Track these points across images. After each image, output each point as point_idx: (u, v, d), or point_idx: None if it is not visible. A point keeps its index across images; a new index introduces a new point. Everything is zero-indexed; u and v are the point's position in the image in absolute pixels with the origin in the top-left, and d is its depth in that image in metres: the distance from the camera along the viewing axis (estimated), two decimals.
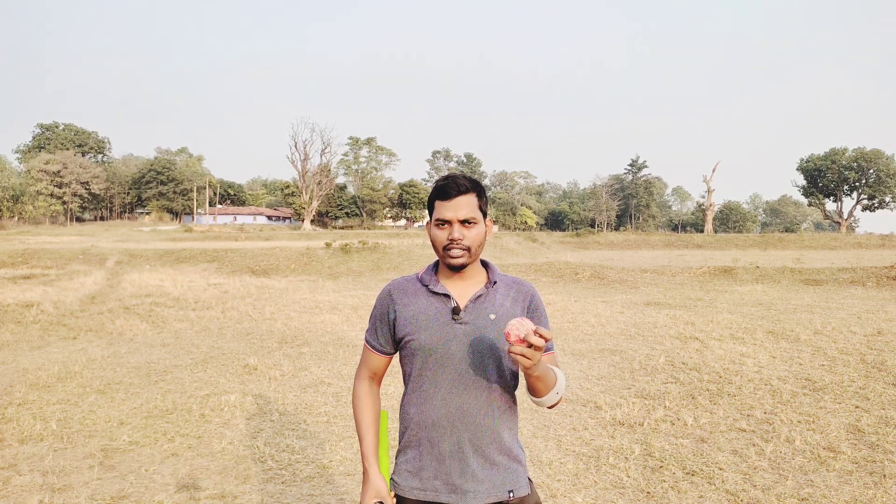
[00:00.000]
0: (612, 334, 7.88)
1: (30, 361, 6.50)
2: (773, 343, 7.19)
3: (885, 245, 37.41)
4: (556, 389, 1.52)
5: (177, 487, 3.38)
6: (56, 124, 74.25)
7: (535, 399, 1.54)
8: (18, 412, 4.66)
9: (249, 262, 19.07)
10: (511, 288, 1.66)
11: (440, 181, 1.58)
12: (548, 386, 1.50)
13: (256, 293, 12.54)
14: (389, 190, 73.29)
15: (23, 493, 3.29)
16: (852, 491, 3.29)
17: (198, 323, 8.90)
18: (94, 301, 10.97)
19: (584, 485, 3.41)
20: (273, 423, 4.49)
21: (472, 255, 1.58)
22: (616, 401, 4.95)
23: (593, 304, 11.02)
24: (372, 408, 1.70)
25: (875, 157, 62.62)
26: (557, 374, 1.54)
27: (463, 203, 1.56)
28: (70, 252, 19.71)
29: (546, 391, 1.50)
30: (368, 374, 1.73)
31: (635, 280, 16.06)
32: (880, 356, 6.34)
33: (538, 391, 1.51)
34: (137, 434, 4.20)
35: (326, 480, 3.52)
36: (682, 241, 43.18)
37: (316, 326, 8.52)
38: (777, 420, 4.43)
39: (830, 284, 14.71)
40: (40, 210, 59.87)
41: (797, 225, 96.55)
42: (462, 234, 1.56)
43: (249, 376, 5.83)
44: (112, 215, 73.27)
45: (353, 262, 20.31)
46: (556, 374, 1.54)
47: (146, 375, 5.85)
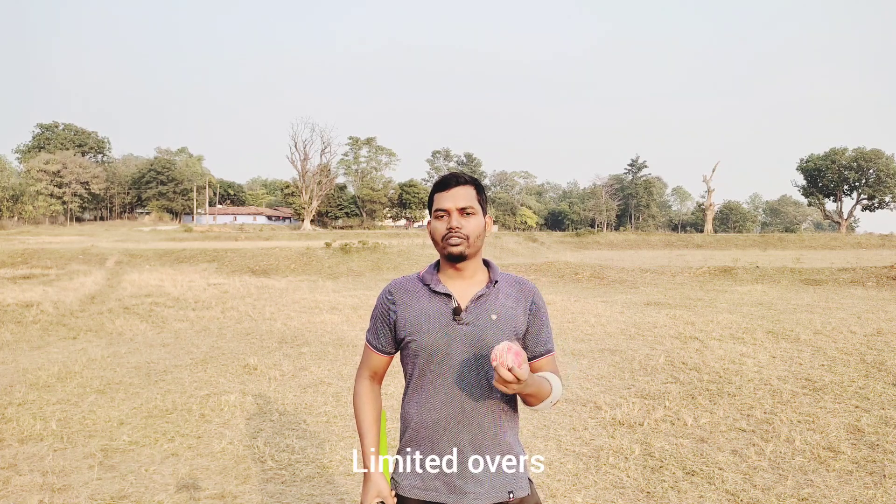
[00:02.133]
0: (612, 334, 7.88)
1: (30, 361, 6.50)
2: (773, 343, 7.19)
3: (884, 245, 37.42)
4: (550, 399, 1.53)
5: (177, 487, 3.38)
6: (56, 124, 74.25)
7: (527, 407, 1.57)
8: (18, 412, 4.66)
9: (249, 262, 19.07)
10: (513, 287, 1.65)
11: (440, 177, 1.62)
12: (540, 398, 1.51)
13: (256, 293, 12.54)
14: (389, 190, 73.30)
15: (23, 493, 3.29)
16: (852, 491, 3.29)
17: (198, 323, 8.89)
18: (94, 301, 10.97)
19: (584, 485, 3.41)
20: (273, 423, 4.48)
21: (471, 245, 1.58)
22: (616, 401, 4.95)
23: (593, 304, 11.02)
24: (373, 407, 1.70)
25: (875, 157, 62.61)
26: (552, 384, 1.55)
27: (461, 193, 1.58)
28: (70, 252, 19.71)
29: (538, 402, 1.52)
30: (369, 374, 1.73)
31: (635, 280, 16.06)
32: (880, 356, 6.34)
33: (530, 403, 1.54)
34: (137, 434, 4.20)
35: (326, 480, 3.52)
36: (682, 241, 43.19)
37: (316, 326, 8.52)
38: (777, 420, 4.43)
39: (830, 284, 14.71)
40: (40, 210, 59.85)
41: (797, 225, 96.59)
42: (460, 222, 1.56)
43: (249, 376, 5.83)
44: (112, 215, 73.23)
45: (353, 262, 20.31)
46: (551, 384, 1.54)
47: (146, 375, 5.85)
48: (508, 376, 1.34)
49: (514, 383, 1.36)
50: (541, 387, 1.49)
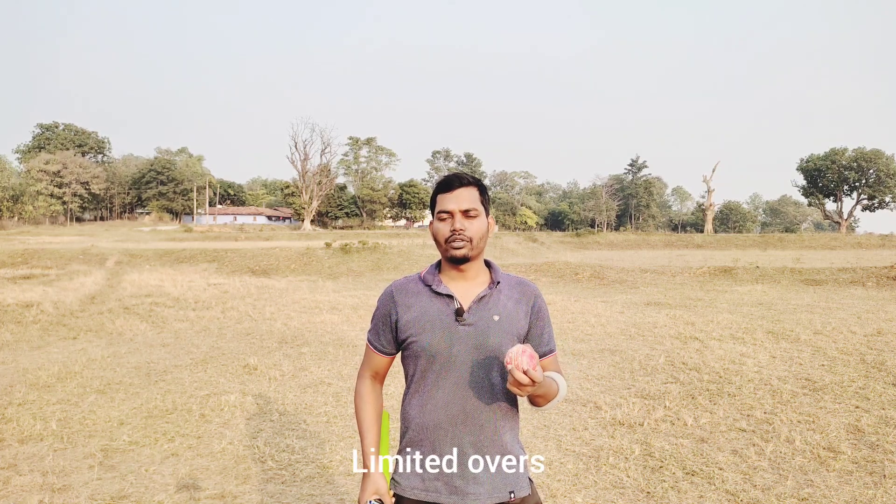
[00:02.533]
0: (612, 334, 7.88)
1: (30, 361, 6.50)
2: (773, 343, 7.19)
3: (885, 245, 37.40)
4: (557, 399, 1.56)
5: (177, 487, 3.38)
6: (56, 124, 74.24)
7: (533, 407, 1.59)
8: (18, 412, 4.66)
9: (249, 262, 19.07)
10: (515, 289, 1.65)
11: (443, 177, 1.61)
12: (548, 398, 1.54)
13: (256, 293, 12.54)
14: (389, 190, 73.30)
15: (23, 493, 3.29)
16: (852, 491, 3.29)
17: (198, 323, 8.90)
18: (94, 301, 10.97)
19: (584, 485, 3.41)
20: (273, 423, 4.48)
21: (475, 247, 1.58)
22: (616, 401, 4.95)
23: (593, 304, 11.02)
24: (374, 406, 1.70)
25: (875, 157, 62.57)
26: (559, 384, 1.56)
27: (465, 195, 1.57)
28: (70, 252, 19.71)
29: (546, 403, 1.55)
30: (371, 374, 1.73)
31: (635, 280, 16.06)
32: (880, 356, 6.34)
33: (538, 404, 1.56)
34: (137, 434, 4.20)
35: (326, 480, 3.52)
36: (682, 241, 43.17)
37: (316, 326, 8.52)
38: (777, 420, 4.43)
39: (830, 284, 14.71)
40: (40, 210, 59.84)
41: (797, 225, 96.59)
42: (464, 224, 1.56)
43: (249, 376, 5.83)
44: (112, 215, 73.23)
45: (353, 262, 20.31)
46: (558, 384, 1.56)
47: (146, 375, 5.85)
48: (524, 379, 1.36)
49: (529, 386, 1.37)
50: (550, 388, 1.52)
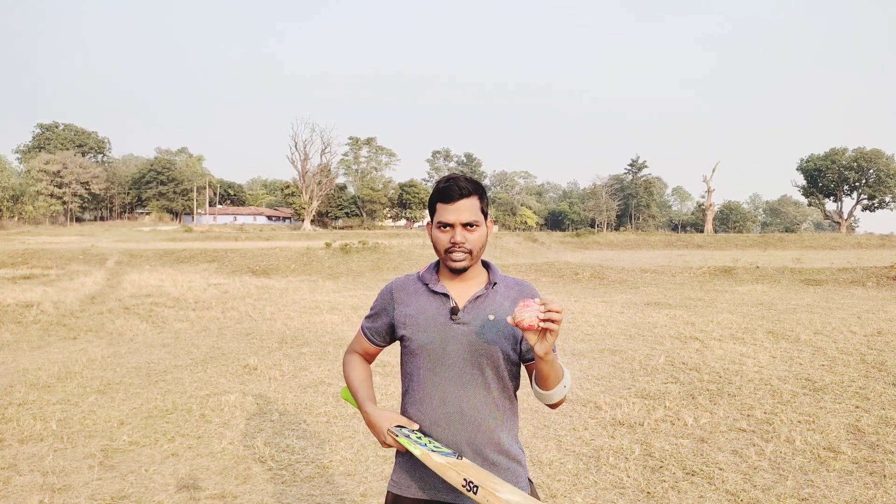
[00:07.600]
0: (612, 334, 7.88)
1: (30, 361, 6.50)
2: (773, 343, 7.20)
3: (885, 245, 37.39)
4: (563, 382, 1.53)
5: (177, 487, 3.38)
6: (56, 124, 74.26)
7: (542, 392, 1.54)
8: (18, 412, 4.66)
9: (249, 262, 19.07)
10: (512, 289, 1.66)
11: (442, 183, 1.58)
12: (557, 377, 1.51)
13: (256, 293, 12.54)
14: (389, 190, 73.32)
15: (23, 493, 3.29)
16: (852, 491, 3.29)
17: (198, 323, 8.90)
18: (94, 301, 10.97)
19: (584, 485, 3.41)
20: (273, 423, 4.49)
21: (474, 257, 1.59)
22: (616, 401, 4.95)
23: (593, 304, 11.02)
24: (362, 368, 1.74)
25: (875, 157, 62.56)
26: (563, 368, 1.56)
27: (465, 206, 1.56)
28: (70, 252, 19.71)
29: (556, 382, 1.51)
30: (359, 351, 1.77)
31: (635, 280, 16.06)
32: (880, 356, 6.34)
33: (548, 382, 1.51)
34: (137, 434, 4.20)
35: (326, 480, 3.52)
36: (682, 241, 43.14)
37: (316, 326, 8.52)
38: (777, 420, 4.43)
39: (830, 284, 14.71)
40: (40, 210, 59.81)
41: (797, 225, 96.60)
42: (465, 237, 1.56)
43: (249, 376, 5.83)
44: (112, 215, 73.26)
45: (353, 262, 20.31)
46: (562, 368, 1.56)
47: (146, 375, 5.86)
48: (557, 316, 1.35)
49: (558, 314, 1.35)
50: (555, 363, 1.49)
